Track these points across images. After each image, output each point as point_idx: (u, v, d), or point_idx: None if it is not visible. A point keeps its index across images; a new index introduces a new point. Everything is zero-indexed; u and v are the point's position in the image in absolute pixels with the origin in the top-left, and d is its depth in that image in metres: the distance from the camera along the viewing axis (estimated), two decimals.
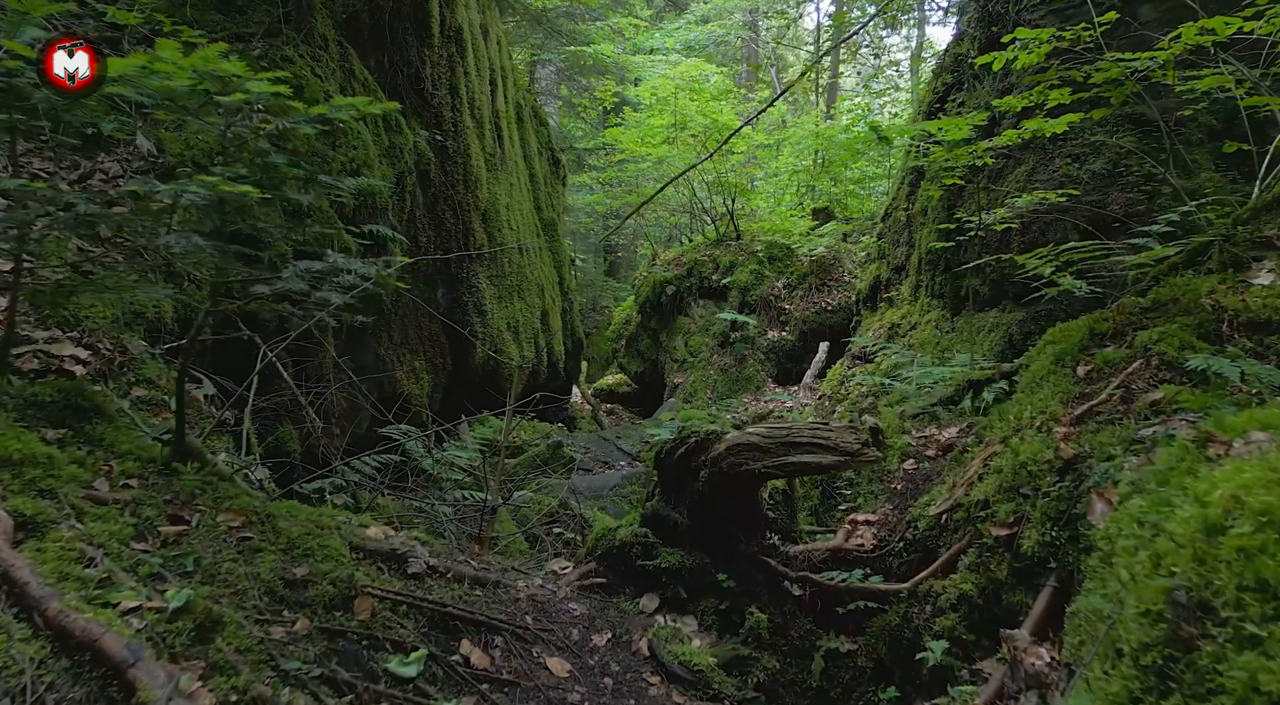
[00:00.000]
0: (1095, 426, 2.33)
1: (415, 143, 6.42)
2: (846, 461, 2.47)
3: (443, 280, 7.04)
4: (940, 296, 6.19)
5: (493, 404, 8.03)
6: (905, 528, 2.73)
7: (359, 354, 5.79)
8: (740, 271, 10.95)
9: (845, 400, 6.57)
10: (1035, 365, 2.78)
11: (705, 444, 2.66)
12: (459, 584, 2.51)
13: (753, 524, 2.77)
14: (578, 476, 6.27)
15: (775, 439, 2.52)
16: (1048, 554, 2.20)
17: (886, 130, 3.47)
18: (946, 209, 5.89)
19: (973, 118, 3.45)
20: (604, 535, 2.80)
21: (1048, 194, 3.84)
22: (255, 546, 2.05)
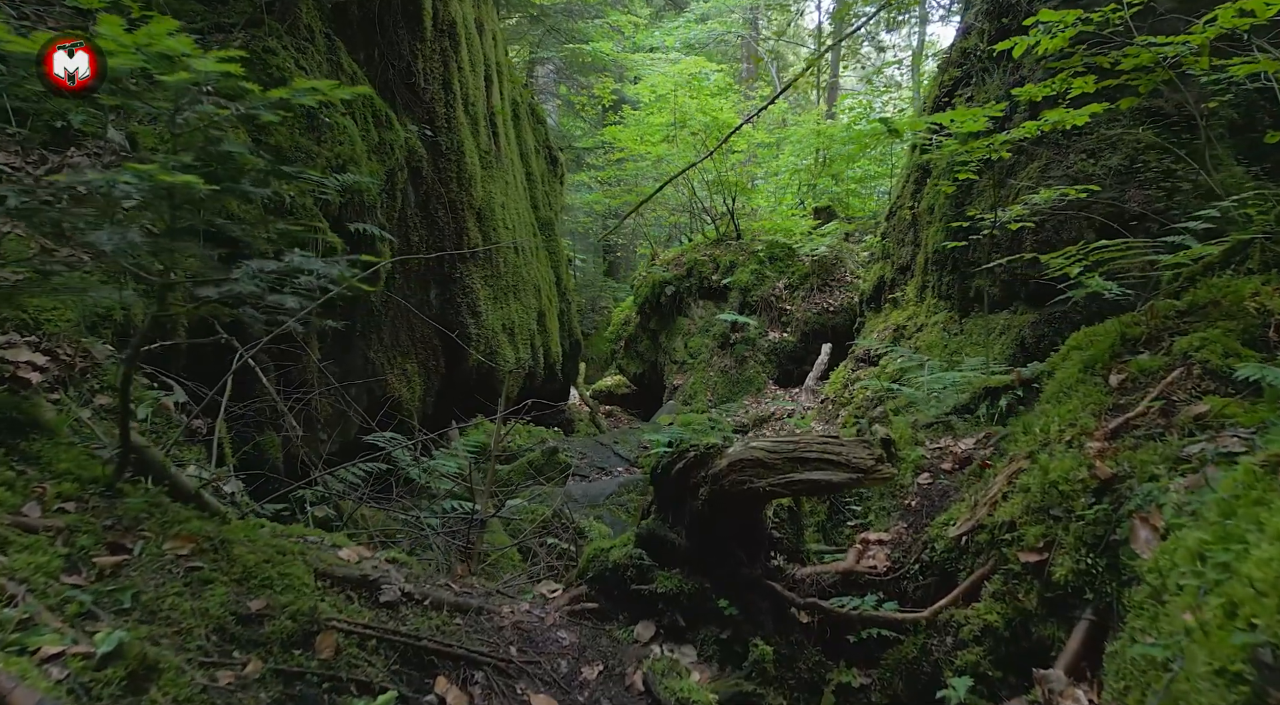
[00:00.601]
0: (1133, 442, 2.12)
1: (406, 139, 6.21)
2: (859, 479, 2.25)
3: (435, 281, 6.82)
4: (948, 297, 5.97)
5: (488, 408, 7.81)
6: (921, 548, 2.52)
7: (347, 357, 5.58)
8: (741, 271, 10.74)
9: (850, 404, 6.36)
10: (1061, 373, 2.56)
11: (705, 459, 2.44)
12: (437, 612, 2.30)
13: (756, 544, 2.56)
14: (573, 483, 6.06)
15: (781, 454, 2.30)
16: (1083, 584, 1.99)
17: (895, 123, 3.26)
18: (955, 207, 5.68)
19: (989, 109, 3.23)
20: (596, 556, 2.59)
21: (1067, 190, 3.62)
22: (205, 577, 1.83)
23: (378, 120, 5.72)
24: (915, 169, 7.07)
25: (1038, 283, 4.81)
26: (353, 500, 4.35)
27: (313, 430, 4.76)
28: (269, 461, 4.08)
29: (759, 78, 17.93)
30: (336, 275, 1.91)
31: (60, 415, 2.61)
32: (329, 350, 5.09)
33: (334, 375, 5.24)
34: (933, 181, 6.30)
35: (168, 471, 2.55)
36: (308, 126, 4.76)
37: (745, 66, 18.07)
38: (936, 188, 5.98)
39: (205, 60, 1.80)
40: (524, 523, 4.83)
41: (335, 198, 4.75)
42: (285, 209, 4.40)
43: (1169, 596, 1.60)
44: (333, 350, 5.20)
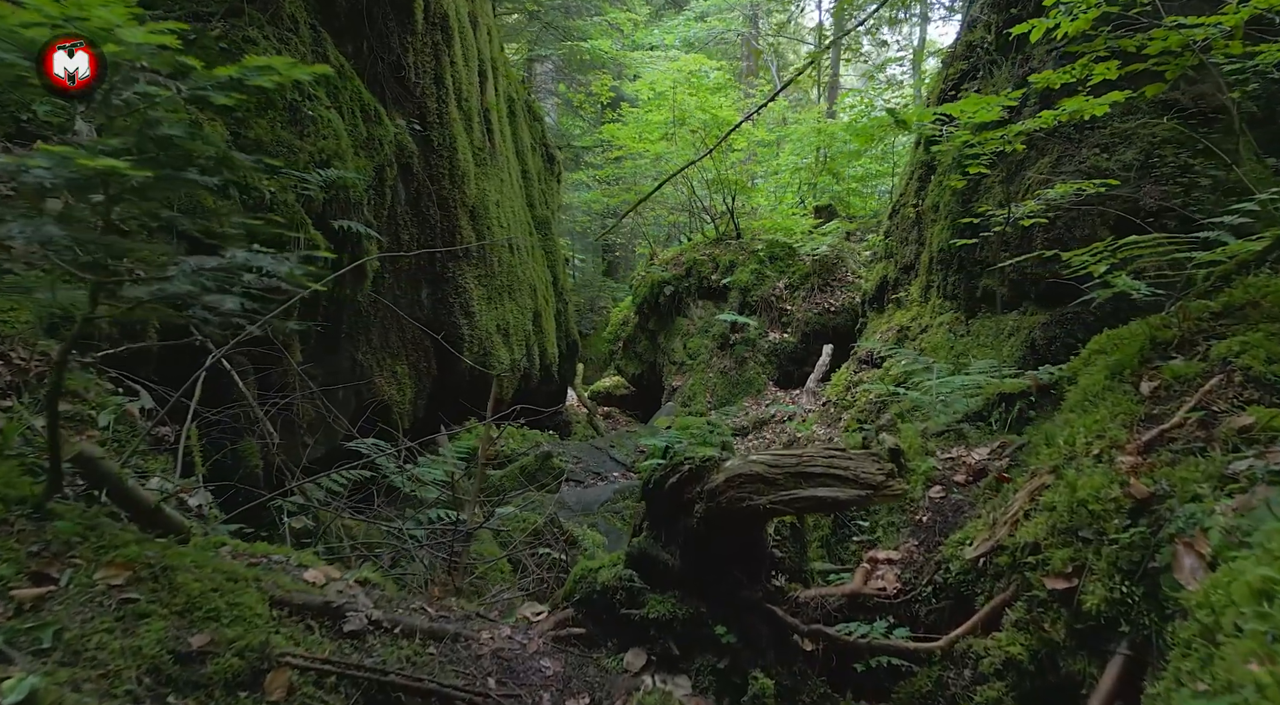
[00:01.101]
0: (1170, 457, 1.92)
1: (396, 134, 6.01)
2: (868, 496, 2.05)
3: (427, 280, 6.62)
4: (953, 298, 5.77)
5: (481, 410, 7.61)
6: (934, 569, 2.32)
7: (333, 359, 5.39)
8: (740, 271, 10.54)
9: (852, 407, 6.16)
10: (1085, 379, 2.36)
11: (700, 473, 2.24)
12: (409, 640, 2.10)
13: (756, 564, 2.36)
14: (568, 489, 5.86)
15: (783, 469, 2.10)
16: (1117, 615, 1.79)
17: (903, 114, 3.07)
18: (962, 204, 5.48)
19: (1003, 97, 3.03)
20: (583, 577, 2.39)
21: (1084, 184, 3.42)
22: (141, 610, 1.64)
23: (366, 115, 5.52)
24: (919, 166, 6.87)
25: (1049, 282, 4.61)
26: (333, 510, 4.16)
27: (294, 436, 4.56)
28: (246, 470, 3.89)
29: (759, 75, 17.73)
30: (285, 273, 1.71)
31: (11, 424, 2.42)
32: (313, 352, 4.90)
33: (320, 378, 5.05)
34: (938, 178, 6.10)
35: (123, 485, 2.35)
36: (290, 120, 4.57)
37: (745, 64, 17.86)
38: (943, 184, 5.79)
39: (135, 31, 1.60)
40: (515, 532, 4.63)
41: (318, 194, 4.55)
42: (265, 205, 4.21)
43: (1225, 638, 1.40)
44: (317, 352, 5.00)
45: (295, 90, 4.59)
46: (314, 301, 4.64)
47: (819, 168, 12.64)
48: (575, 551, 4.68)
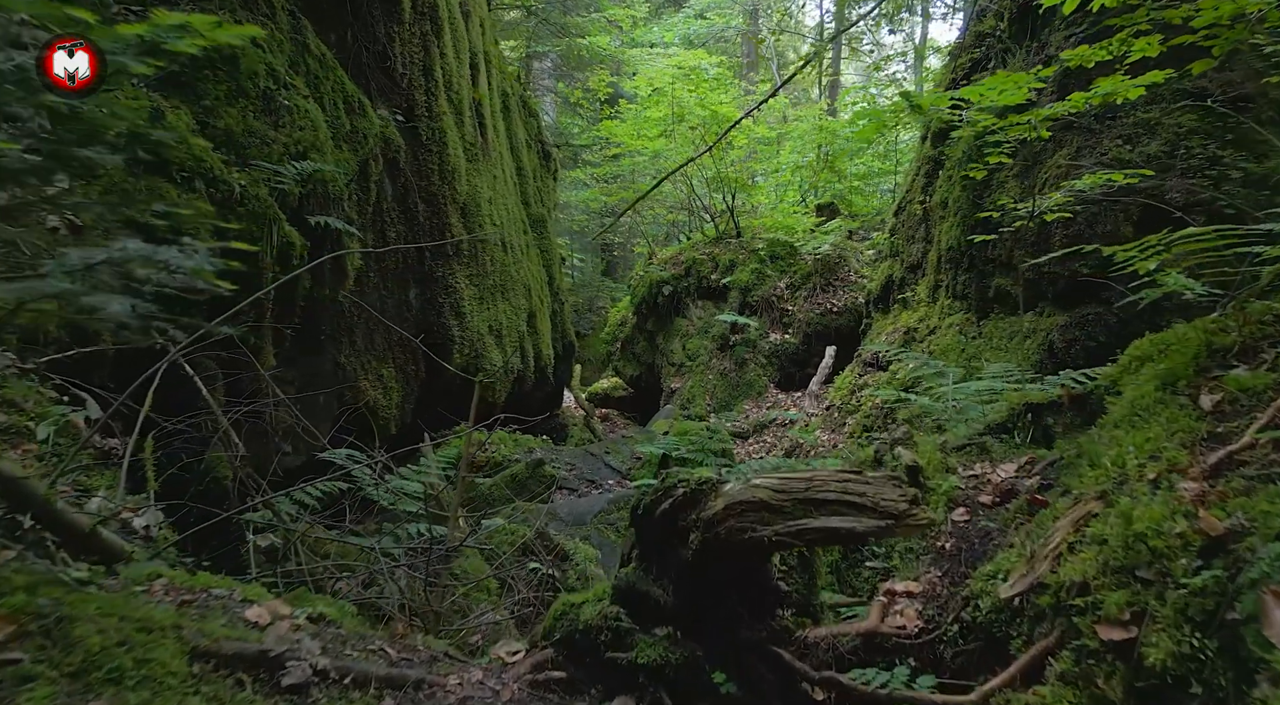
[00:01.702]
0: (1243, 484, 1.64)
1: (382, 128, 5.73)
2: (889, 528, 1.77)
3: (415, 280, 6.34)
4: (963, 298, 5.49)
5: (465, 417, 7.33)
6: (961, 605, 2.04)
7: (314, 362, 5.11)
8: (741, 271, 10.26)
9: (857, 412, 5.88)
10: (1132, 390, 2.08)
11: (696, 498, 1.96)
12: (362, 691, 1.82)
13: (759, 598, 2.08)
14: (561, 498, 5.58)
15: (791, 494, 1.82)
16: (1186, 672, 1.51)
17: (919, 98, 2.81)
18: (973, 200, 5.19)
19: (1032, 75, 2.74)
20: (564, 613, 2.11)
21: (1113, 175, 3.13)
22: (24, 673, 1.36)
23: (349, 106, 5.24)
24: (926, 161, 6.59)
25: (1067, 282, 4.33)
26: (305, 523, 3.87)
27: (267, 445, 4.28)
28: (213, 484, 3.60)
29: (759, 71, 17.44)
30: (192, 269, 1.43)
31: None
32: (290, 355, 4.61)
33: (298, 382, 4.77)
34: (947, 172, 5.82)
35: (51, 507, 2.07)
36: (264, 109, 4.28)
37: (745, 61, 17.58)
38: (952, 179, 5.50)
39: None
40: (502, 546, 4.35)
41: (294, 188, 4.27)
42: (235, 199, 3.92)
43: None
44: (295, 355, 4.72)
45: (269, 77, 4.31)
46: (289, 301, 4.36)
47: (820, 165, 12.36)
48: (566, 566, 4.40)
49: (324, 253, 4.71)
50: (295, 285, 4.38)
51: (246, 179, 4.02)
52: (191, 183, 3.75)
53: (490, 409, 7.53)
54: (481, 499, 5.27)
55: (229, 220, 3.90)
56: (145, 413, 2.92)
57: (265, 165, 4.10)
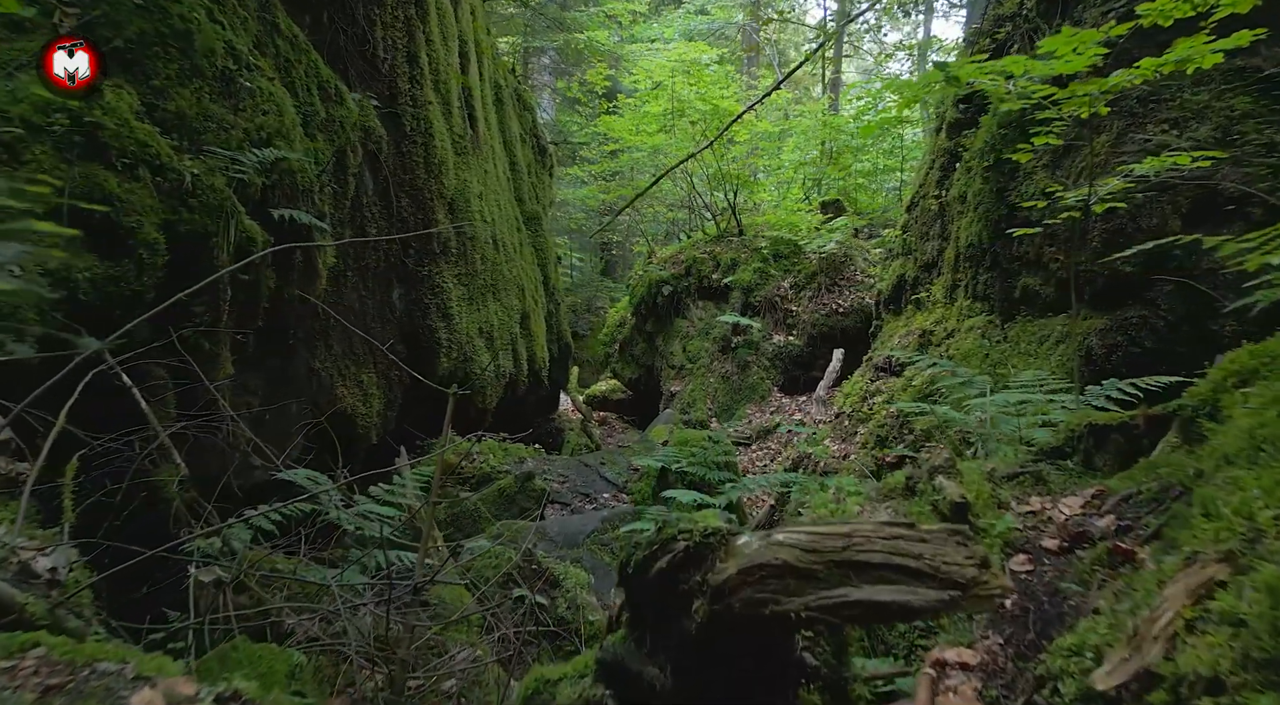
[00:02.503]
0: None
1: (361, 117, 5.31)
2: (954, 600, 1.34)
3: (399, 280, 5.92)
4: (985, 298, 5.06)
5: (462, 421, 6.92)
6: (1034, 686, 1.61)
7: (285, 367, 4.68)
8: (743, 270, 9.83)
9: (869, 421, 5.45)
10: (1246, 417, 1.66)
11: (701, 555, 1.53)
12: None
13: (779, 677, 1.65)
14: (552, 513, 5.16)
15: (824, 555, 1.39)
16: None
17: (955, 67, 2.40)
18: (996, 193, 4.77)
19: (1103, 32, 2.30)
20: (536, 693, 1.69)
21: (1178, 157, 2.71)
22: None
23: (324, 93, 4.81)
24: (941, 154, 6.16)
25: (1108, 280, 3.90)
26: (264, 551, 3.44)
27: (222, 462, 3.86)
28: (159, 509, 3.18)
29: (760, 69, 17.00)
30: None
31: None
32: (255, 360, 4.19)
33: (264, 391, 4.35)
34: (965, 164, 5.39)
35: None
36: (222, 91, 3.86)
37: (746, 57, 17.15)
38: (973, 171, 5.07)
39: None
40: (486, 571, 3.93)
41: (255, 177, 3.84)
42: (185, 188, 3.50)
43: None
44: (261, 360, 4.29)
45: (229, 57, 3.88)
46: (252, 302, 3.93)
47: (825, 162, 11.93)
48: (556, 592, 3.98)
49: (296, 250, 4.28)
50: (258, 285, 3.96)
51: (200, 167, 3.59)
52: (135, 170, 3.32)
53: (481, 415, 7.12)
54: (466, 516, 4.85)
55: (179, 212, 3.48)
56: (58, 429, 2.49)
57: (221, 152, 3.67)
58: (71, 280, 3.03)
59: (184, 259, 3.44)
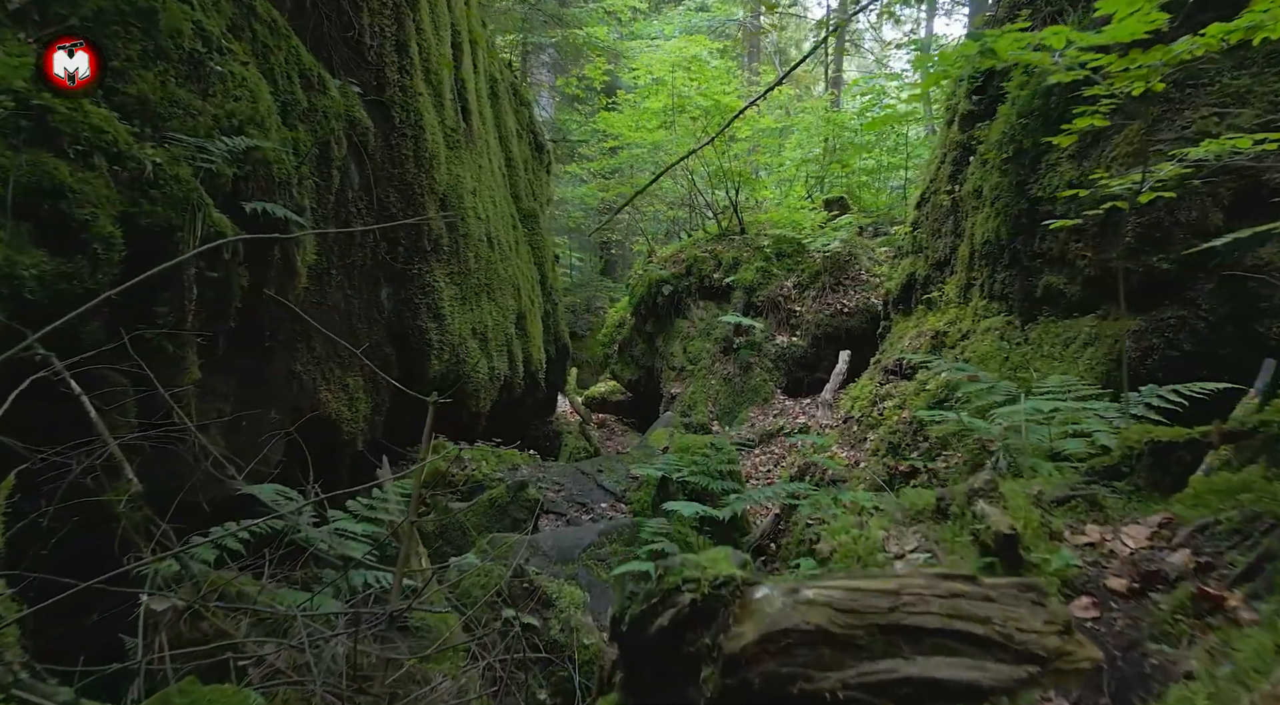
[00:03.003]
0: None
1: (347, 107, 5.02)
2: (1033, 677, 1.06)
3: (387, 278, 5.63)
4: (1003, 298, 4.77)
5: (454, 425, 6.64)
6: None
7: (262, 370, 4.38)
8: (745, 269, 9.54)
9: (879, 426, 5.17)
10: None
11: (711, 611, 1.24)
12: None
13: None
14: (546, 524, 4.87)
15: (866, 617, 1.11)
16: None
17: (993, 36, 2.12)
18: (1016, 186, 4.48)
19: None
20: None
21: (1239, 140, 2.42)
22: None
23: (306, 81, 4.53)
24: (954, 147, 5.87)
25: (1142, 278, 3.61)
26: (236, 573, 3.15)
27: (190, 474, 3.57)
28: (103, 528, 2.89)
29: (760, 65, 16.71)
30: None
31: None
32: (226, 363, 3.90)
33: (235, 397, 4.06)
34: (980, 157, 5.11)
35: None
36: (189, 74, 3.57)
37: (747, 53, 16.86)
38: (990, 163, 4.79)
39: None
40: (473, 589, 3.65)
41: (225, 168, 3.55)
42: (147, 179, 3.21)
43: None
44: (234, 363, 4.00)
45: (198, 38, 3.59)
46: (223, 301, 3.65)
47: (827, 159, 11.63)
48: (549, 613, 3.69)
49: (264, 245, 4.00)
50: (229, 283, 3.67)
51: (163, 156, 3.31)
52: (89, 158, 3.04)
53: (474, 420, 6.83)
54: (455, 528, 4.57)
55: (139, 204, 3.20)
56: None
57: (187, 139, 3.39)
58: (16, 277, 2.75)
59: (145, 255, 3.15)
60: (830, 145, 11.44)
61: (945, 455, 4.23)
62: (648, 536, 4.12)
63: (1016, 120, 4.51)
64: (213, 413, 3.72)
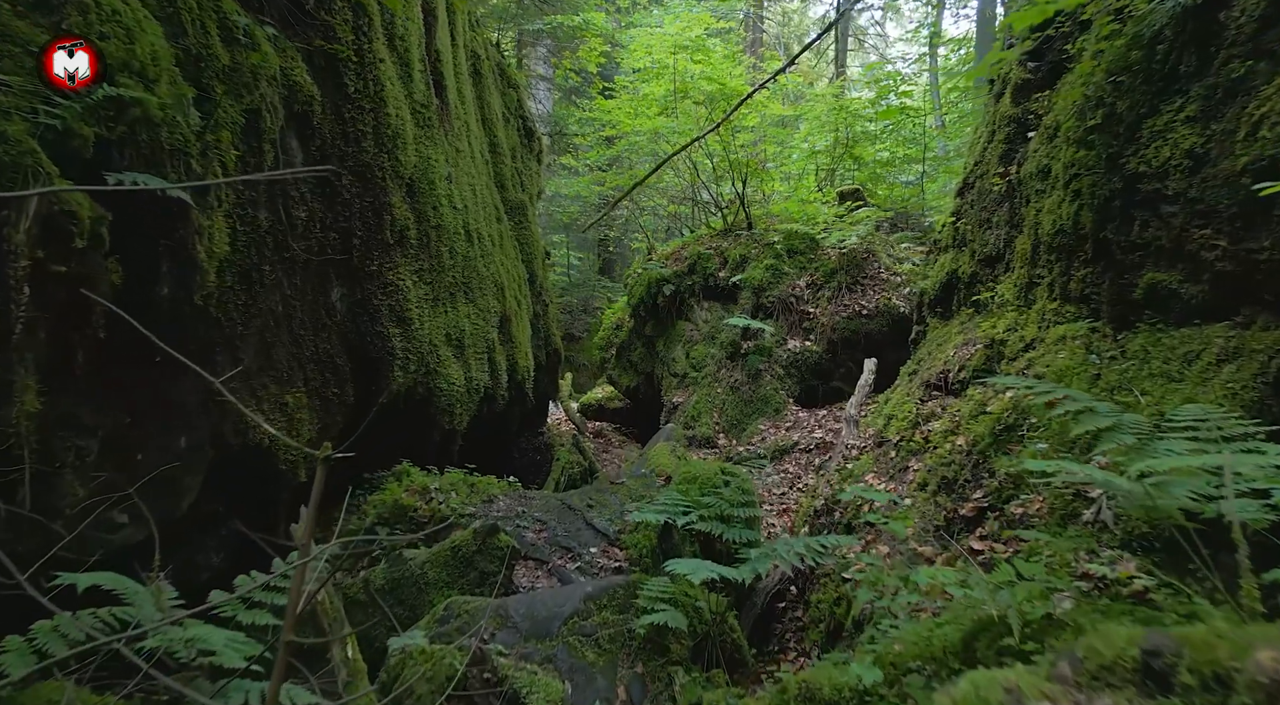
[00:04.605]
0: None
1: (285, 69, 4.07)
2: None
3: (340, 276, 4.67)
4: (1082, 299, 3.82)
5: (422, 446, 5.70)
6: None
7: (163, 390, 3.43)
8: (753, 267, 8.58)
9: (926, 453, 4.21)
10: None
11: None
12: None
13: None
14: (525, 577, 3.92)
15: None
16: None
17: None
18: (1107, 160, 3.52)
19: None
20: None
21: None
22: None
23: (227, 34, 3.57)
24: (1005, 122, 4.92)
25: None
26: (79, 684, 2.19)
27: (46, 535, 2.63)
28: None
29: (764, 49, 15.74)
30: None
31: None
32: (98, 385, 2.94)
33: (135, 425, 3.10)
34: (1045, 131, 4.15)
35: None
36: (34, 2, 2.62)
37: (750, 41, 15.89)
38: (1064, 135, 3.83)
39: None
40: (419, 685, 2.70)
41: (83, 127, 2.60)
42: None
43: None
44: (121, 383, 3.05)
45: None
46: (80, 305, 2.69)
47: (839, 151, 10.67)
48: None
49: (152, 234, 3.04)
50: (91, 280, 2.71)
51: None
52: None
53: (448, 438, 5.89)
54: (410, 584, 3.61)
55: None
56: None
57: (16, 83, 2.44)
58: None
59: None
60: (841, 135, 10.47)
61: (1021, 499, 3.29)
62: (647, 603, 3.17)
63: (1105, 80, 3.56)
64: (69, 452, 2.77)
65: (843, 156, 10.55)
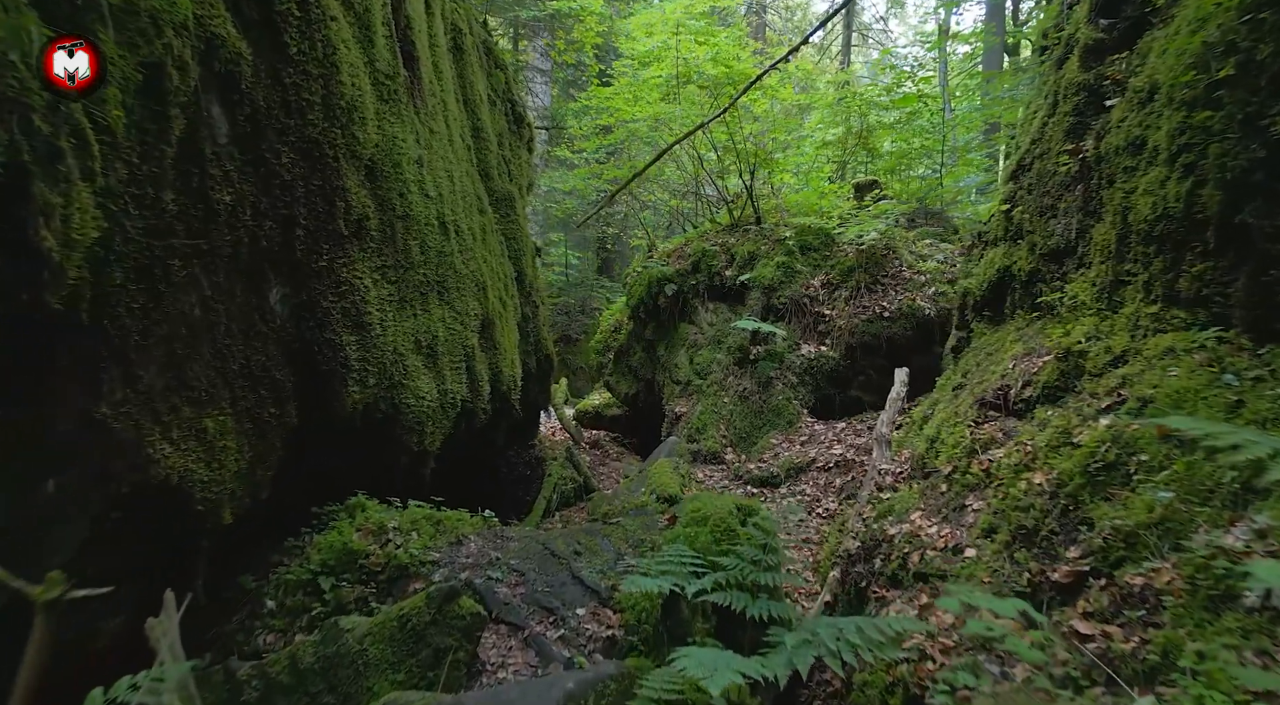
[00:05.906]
0: None
1: (203, 18, 3.22)
2: None
3: (280, 275, 3.82)
4: (1197, 303, 2.98)
5: (387, 472, 4.86)
6: None
7: (28, 419, 2.59)
8: (763, 265, 7.74)
9: (990, 488, 3.37)
10: None
11: None
12: None
13: None
14: (496, 647, 3.07)
15: None
16: None
17: None
18: (1242, 122, 2.67)
19: None
20: None
21: None
22: None
23: None
24: (1071, 92, 4.07)
25: None
26: None
27: None
28: None
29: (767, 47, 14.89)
30: None
31: None
32: None
33: None
34: (1133, 96, 3.30)
35: None
36: None
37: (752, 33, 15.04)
38: (1164, 99, 2.98)
39: None
40: None
41: None
42: None
43: None
44: None
45: None
46: None
47: (851, 142, 9.82)
48: None
49: None
50: None
51: None
52: None
53: (418, 460, 5.05)
54: (346, 665, 2.77)
55: None
56: None
57: None
58: None
59: None
60: (854, 125, 9.62)
61: (1142, 565, 2.45)
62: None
63: (1236, 21, 2.71)
64: None
65: (856, 147, 9.70)
